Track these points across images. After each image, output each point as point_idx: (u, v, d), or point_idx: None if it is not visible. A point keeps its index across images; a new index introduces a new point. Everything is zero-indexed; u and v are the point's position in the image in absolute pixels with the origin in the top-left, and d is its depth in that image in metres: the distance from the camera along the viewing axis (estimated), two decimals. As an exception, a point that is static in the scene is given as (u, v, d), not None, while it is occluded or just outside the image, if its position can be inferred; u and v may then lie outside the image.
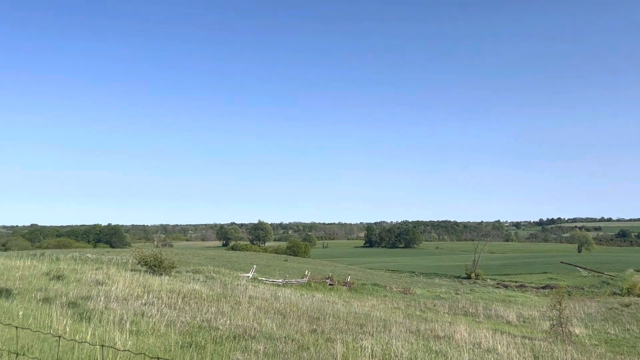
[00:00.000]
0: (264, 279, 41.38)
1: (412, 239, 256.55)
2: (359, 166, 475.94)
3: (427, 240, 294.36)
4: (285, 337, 14.84)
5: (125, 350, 5.82)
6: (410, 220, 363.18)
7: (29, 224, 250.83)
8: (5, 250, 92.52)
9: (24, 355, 6.21)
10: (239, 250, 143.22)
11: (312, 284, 41.18)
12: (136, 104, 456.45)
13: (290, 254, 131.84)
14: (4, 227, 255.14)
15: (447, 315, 30.91)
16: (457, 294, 47.79)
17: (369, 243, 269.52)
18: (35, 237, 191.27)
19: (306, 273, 47.28)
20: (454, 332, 18.73)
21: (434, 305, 36.08)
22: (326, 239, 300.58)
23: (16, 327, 5.26)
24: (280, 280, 40.70)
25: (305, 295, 30.04)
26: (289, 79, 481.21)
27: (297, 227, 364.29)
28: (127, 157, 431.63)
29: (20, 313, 13.40)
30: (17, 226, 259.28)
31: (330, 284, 42.28)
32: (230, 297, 23.79)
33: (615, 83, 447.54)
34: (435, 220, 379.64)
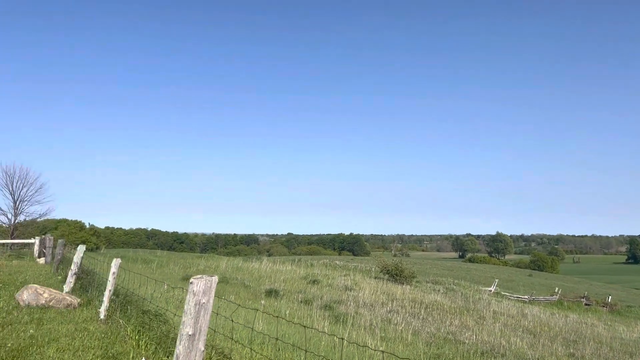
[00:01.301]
0: (507, 294, 39.19)
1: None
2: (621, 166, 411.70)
3: None
4: (538, 359, 13.82)
5: (384, 352, 6.18)
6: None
7: (286, 233, 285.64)
8: (269, 255, 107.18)
9: (282, 340, 7.19)
10: (477, 262, 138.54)
11: (564, 303, 37.41)
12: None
13: (534, 269, 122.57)
14: (267, 235, 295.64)
15: None
16: None
17: (633, 259, 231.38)
18: (291, 244, 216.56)
19: (556, 290, 43.24)
20: None
21: None
22: (577, 253, 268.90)
23: (293, 322, 6.05)
24: (526, 297, 37.99)
25: (557, 315, 27.41)
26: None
27: (540, 240, 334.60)
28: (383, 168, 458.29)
29: (287, 312, 15.36)
30: (276, 234, 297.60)
31: (586, 304, 37.80)
32: (472, 310, 23.18)
33: None
34: None
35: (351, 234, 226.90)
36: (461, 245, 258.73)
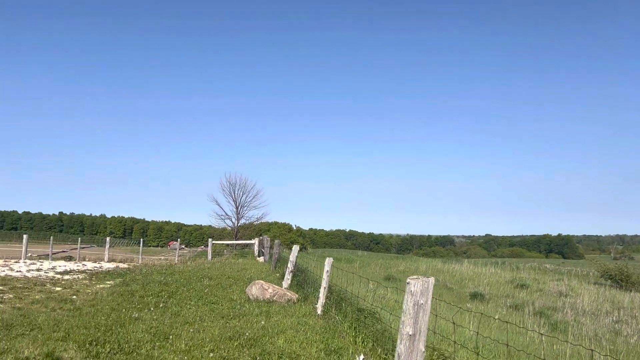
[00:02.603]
0: None
1: None
2: None
3: None
4: None
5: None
6: None
7: (484, 234, 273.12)
8: (467, 257, 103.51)
9: (510, 345, 6.76)
10: None
11: None
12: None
13: None
14: (463, 236, 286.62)
15: None
16: None
17: None
18: (490, 246, 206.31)
19: None
20: None
21: None
22: None
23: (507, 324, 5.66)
24: None
25: None
26: None
27: None
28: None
29: (497, 316, 14.59)
30: (473, 236, 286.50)
31: None
32: None
33: None
34: None
35: (559, 234, 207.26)
36: None
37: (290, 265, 12.56)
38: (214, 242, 27.51)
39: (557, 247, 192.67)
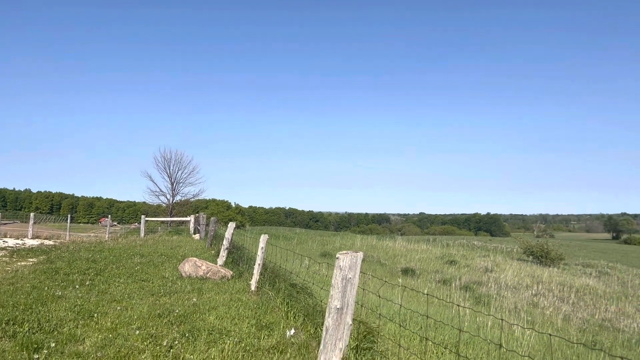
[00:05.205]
0: (675, 280, 34.73)
1: None
2: None
3: None
4: None
5: (539, 332, 5.80)
6: None
7: (418, 212, 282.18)
8: (402, 234, 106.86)
9: (430, 317, 7.10)
10: (635, 244, 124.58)
11: None
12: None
13: None
14: (399, 214, 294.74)
15: None
16: None
17: None
18: (424, 224, 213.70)
19: None
20: None
21: None
22: None
23: (435, 298, 5.93)
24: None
25: None
26: None
27: None
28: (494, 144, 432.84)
29: (425, 291, 15.19)
30: (408, 214, 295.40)
31: None
32: (632, 296, 20.99)
33: None
34: None
35: (488, 213, 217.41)
36: (615, 226, 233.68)
37: (225, 243, 12.44)
38: (147, 219, 26.75)
39: (486, 226, 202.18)
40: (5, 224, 30.54)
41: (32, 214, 23.82)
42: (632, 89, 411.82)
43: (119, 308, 7.06)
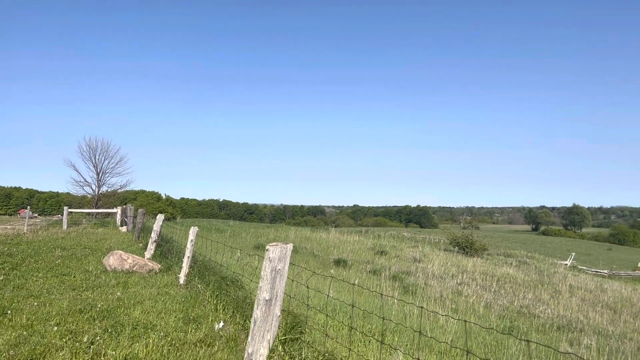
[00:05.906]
0: (584, 268, 37.47)
1: None
2: None
3: None
4: (619, 335, 13.16)
5: (458, 319, 6.08)
6: None
7: (352, 205, 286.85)
8: (336, 226, 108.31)
9: (357, 306, 7.27)
10: (551, 235, 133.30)
11: (649, 279, 35.31)
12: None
13: (614, 242, 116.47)
14: (334, 206, 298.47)
15: None
16: None
17: None
18: (357, 216, 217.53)
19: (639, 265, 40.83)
20: None
21: None
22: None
23: (364, 288, 6.06)
24: (606, 271, 36.17)
25: (641, 291, 25.90)
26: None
27: (622, 212, 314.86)
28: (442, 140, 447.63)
29: (356, 281, 15.47)
30: (342, 206, 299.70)
31: (674, 281, 35.52)
32: (547, 284, 22.39)
33: None
34: None
35: (418, 206, 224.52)
36: (534, 218, 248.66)
37: (154, 235, 12.07)
38: (71, 210, 25.44)
39: (416, 217, 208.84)
40: None
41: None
42: (551, 86, 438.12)
43: (36, 304, 6.69)
